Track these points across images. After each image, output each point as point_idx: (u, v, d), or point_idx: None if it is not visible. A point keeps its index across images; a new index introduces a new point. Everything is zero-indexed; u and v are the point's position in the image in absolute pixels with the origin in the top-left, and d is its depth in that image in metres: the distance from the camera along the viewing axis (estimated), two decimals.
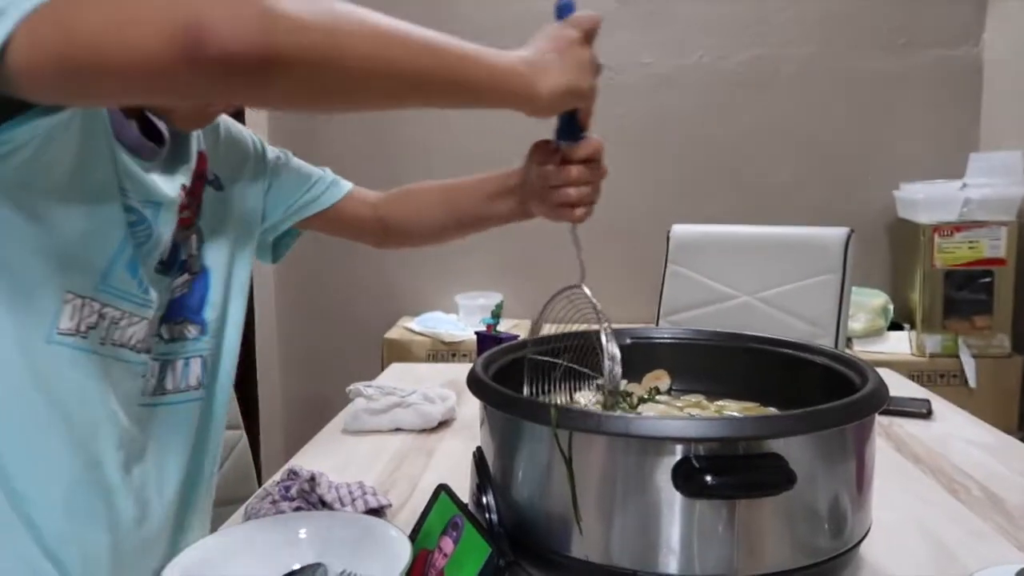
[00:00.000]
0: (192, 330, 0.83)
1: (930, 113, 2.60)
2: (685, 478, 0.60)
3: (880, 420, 1.18)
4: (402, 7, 2.58)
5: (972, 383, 2.23)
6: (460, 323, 2.57)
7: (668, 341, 0.95)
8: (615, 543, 0.63)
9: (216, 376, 0.86)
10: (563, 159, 0.78)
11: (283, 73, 0.49)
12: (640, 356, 0.92)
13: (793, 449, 0.61)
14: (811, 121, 2.63)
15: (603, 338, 0.73)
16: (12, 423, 0.65)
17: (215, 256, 0.85)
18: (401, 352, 2.47)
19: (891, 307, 2.47)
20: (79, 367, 0.68)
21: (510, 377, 0.78)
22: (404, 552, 0.67)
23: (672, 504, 0.61)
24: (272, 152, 0.99)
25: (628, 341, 0.92)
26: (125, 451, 0.73)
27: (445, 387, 1.28)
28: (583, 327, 0.76)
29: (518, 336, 1.29)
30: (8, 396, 0.64)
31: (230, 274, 0.88)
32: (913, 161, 2.56)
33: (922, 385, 1.46)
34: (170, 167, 0.78)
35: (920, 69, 2.59)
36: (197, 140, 0.84)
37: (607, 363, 0.72)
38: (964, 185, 2.31)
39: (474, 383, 0.74)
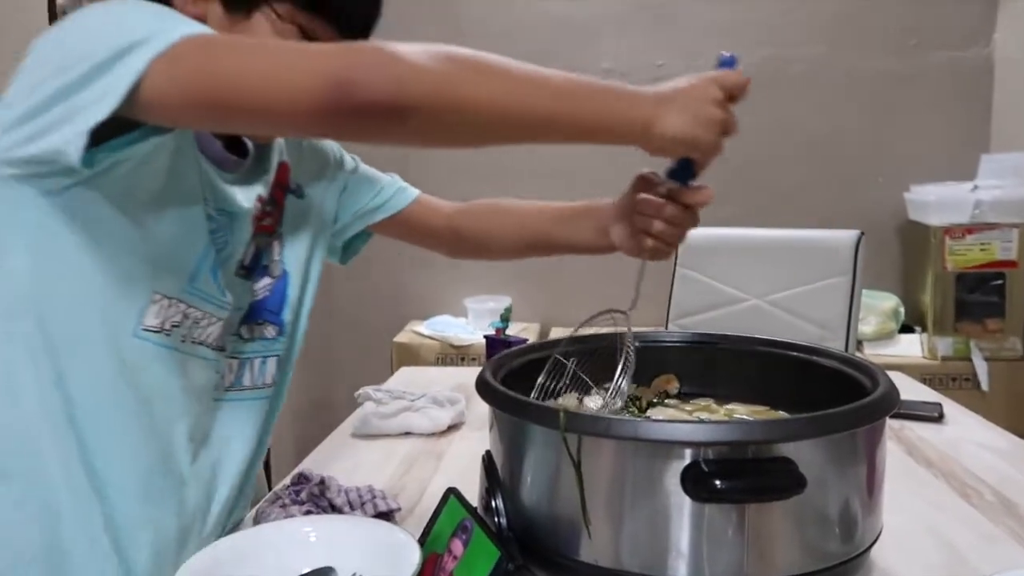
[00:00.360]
0: (271, 330, 0.87)
1: (941, 114, 2.58)
2: (694, 482, 0.60)
3: (891, 424, 1.17)
4: (415, 11, 2.59)
5: (984, 386, 2.22)
6: (469, 327, 2.58)
7: (677, 344, 0.95)
8: (624, 547, 0.63)
9: (285, 374, 0.91)
10: (667, 195, 0.79)
11: (411, 117, 0.58)
12: (649, 360, 0.91)
13: (803, 453, 0.61)
14: (820, 123, 2.62)
15: (617, 371, 0.75)
16: (100, 407, 0.70)
17: (293, 260, 0.89)
18: (410, 356, 2.48)
19: (902, 310, 2.46)
20: (161, 361, 0.73)
21: (519, 381, 0.78)
22: (413, 556, 0.67)
23: (681, 508, 0.61)
24: (348, 157, 1.02)
25: (637, 344, 0.92)
26: (196, 443, 0.78)
27: (454, 391, 1.28)
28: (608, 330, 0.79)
29: (527, 340, 1.29)
30: (98, 383, 0.70)
31: (306, 277, 0.92)
32: (924, 163, 2.55)
33: (934, 388, 1.45)
34: (249, 179, 0.83)
35: (930, 70, 2.58)
36: (279, 152, 0.89)
37: (609, 394, 0.75)
38: (975, 187, 2.30)
39: (483, 387, 0.74)
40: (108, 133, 0.61)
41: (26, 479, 0.68)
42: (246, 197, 0.81)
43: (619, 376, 0.76)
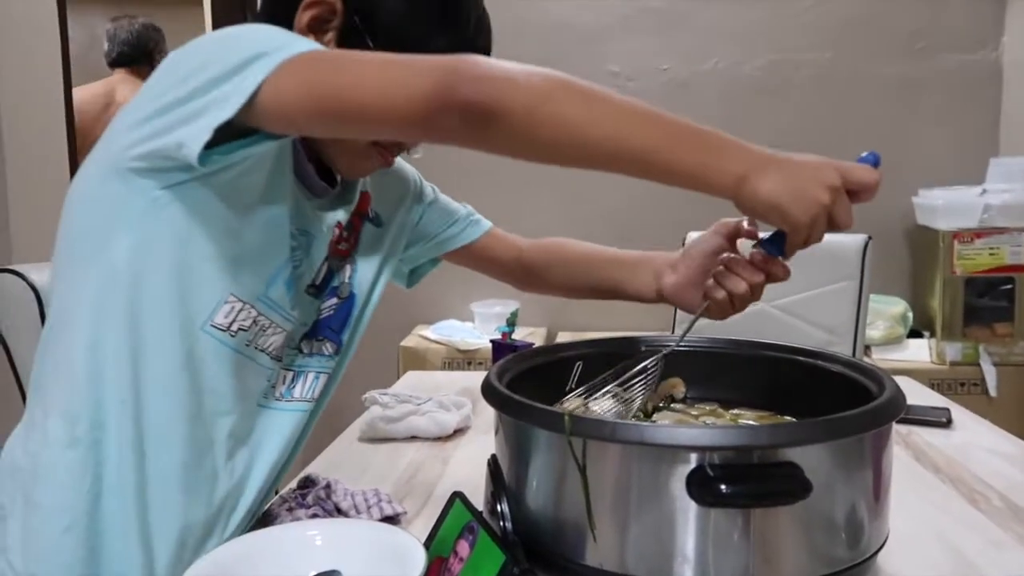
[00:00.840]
0: (329, 348, 0.91)
1: (949, 118, 2.58)
2: (699, 487, 0.59)
3: (898, 429, 1.17)
4: None
5: (993, 392, 2.21)
6: (476, 331, 2.58)
7: (683, 349, 0.95)
8: (630, 552, 0.63)
9: (330, 389, 0.93)
10: (752, 259, 0.79)
11: (500, 124, 0.62)
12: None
13: (809, 458, 0.61)
14: (828, 127, 2.61)
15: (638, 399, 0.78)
16: (161, 392, 0.74)
17: (361, 283, 0.93)
18: (417, 360, 2.48)
19: (910, 315, 2.45)
20: (221, 359, 0.77)
21: (525, 385, 0.78)
22: (419, 560, 0.67)
23: (687, 513, 0.61)
24: (428, 188, 1.06)
25: (643, 349, 0.92)
26: (234, 441, 0.81)
27: (460, 395, 1.28)
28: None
29: (533, 344, 1.29)
30: (165, 367, 0.74)
31: (368, 300, 0.95)
32: (932, 167, 2.54)
33: (942, 394, 1.44)
34: (334, 206, 0.88)
35: (938, 74, 2.57)
36: (363, 181, 0.94)
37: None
38: (984, 191, 2.29)
39: (488, 391, 0.74)
40: (224, 139, 0.66)
41: (88, 449, 0.73)
42: (327, 223, 0.86)
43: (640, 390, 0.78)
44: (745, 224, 0.85)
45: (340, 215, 0.89)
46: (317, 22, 0.77)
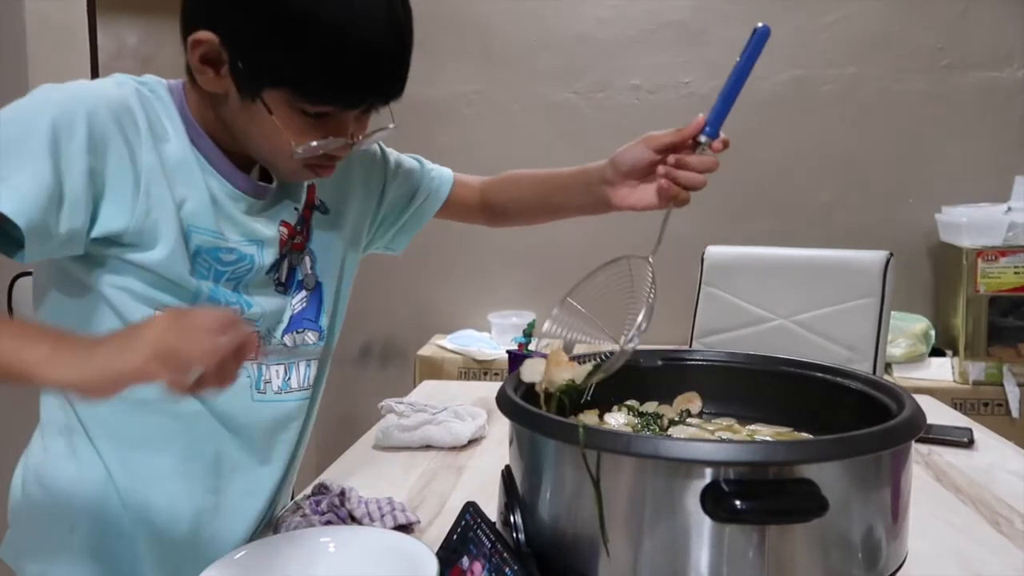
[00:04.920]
0: (312, 336, 0.94)
1: (973, 135, 2.55)
2: (714, 502, 0.59)
3: (918, 448, 1.15)
4: (443, 29, 2.61)
5: (1016, 413, 2.17)
6: (492, 341, 2.58)
7: (700, 363, 0.94)
8: (643, 566, 0.63)
9: (322, 375, 0.97)
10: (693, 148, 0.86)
11: None
12: (672, 378, 0.91)
13: (826, 475, 0.60)
14: (851, 143, 2.59)
15: (642, 313, 0.77)
16: (128, 405, 0.80)
17: (327, 270, 0.95)
18: (433, 369, 2.48)
19: (933, 333, 2.42)
20: None
21: (540, 396, 0.78)
22: (431, 569, 0.67)
23: (701, 528, 0.60)
24: (394, 160, 1.05)
25: (659, 363, 0.91)
26: (241, 438, 0.88)
27: (476, 405, 1.28)
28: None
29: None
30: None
31: (340, 284, 0.97)
32: (956, 184, 2.51)
33: (965, 414, 1.42)
34: (273, 206, 0.89)
35: (963, 91, 2.54)
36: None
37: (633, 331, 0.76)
38: (1009, 209, 2.26)
39: (503, 402, 0.74)
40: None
41: (86, 461, 0.83)
42: (267, 225, 0.87)
43: (642, 318, 0.77)
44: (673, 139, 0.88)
45: (284, 215, 0.89)
46: (208, 62, 0.75)
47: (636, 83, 2.67)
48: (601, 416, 0.86)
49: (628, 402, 0.90)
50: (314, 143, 0.77)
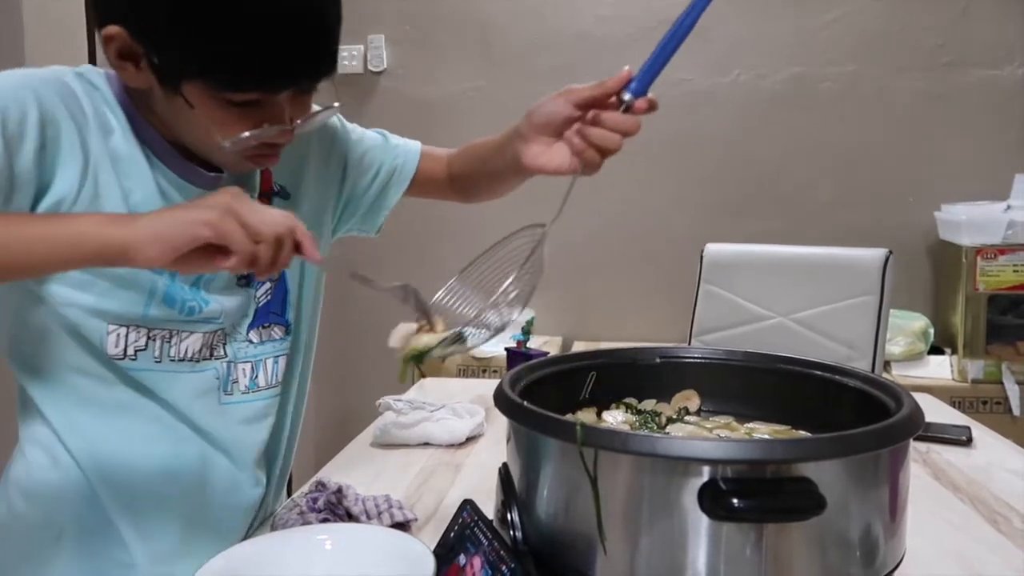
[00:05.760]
0: (278, 331, 0.92)
1: (973, 133, 2.55)
2: (712, 500, 0.59)
3: (917, 447, 1.15)
4: (441, 26, 2.60)
5: (1016, 411, 2.17)
6: None
7: (699, 361, 0.94)
8: (640, 565, 0.62)
9: (294, 368, 0.95)
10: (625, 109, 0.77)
11: None
12: (670, 375, 0.91)
13: (824, 473, 0.60)
14: (850, 141, 2.59)
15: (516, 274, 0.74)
16: (105, 407, 0.81)
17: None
18: (432, 367, 2.48)
19: (932, 331, 2.41)
20: (146, 380, 0.82)
21: (538, 394, 0.78)
22: (428, 567, 0.67)
23: (698, 527, 0.60)
24: (355, 135, 1.01)
25: (658, 360, 0.91)
26: (207, 440, 0.86)
27: (474, 403, 1.28)
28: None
29: (548, 353, 1.29)
30: (98, 390, 0.81)
31: (302, 274, 0.95)
32: (955, 182, 2.51)
33: (964, 412, 1.42)
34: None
35: (963, 89, 2.54)
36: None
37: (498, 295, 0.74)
38: (1008, 207, 2.26)
39: (501, 399, 0.74)
40: None
41: (65, 471, 0.82)
42: None
43: (513, 279, 0.73)
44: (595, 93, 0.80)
45: None
46: (124, 57, 0.72)
47: None
48: (599, 414, 0.86)
49: (626, 400, 0.90)
50: (245, 134, 0.74)
